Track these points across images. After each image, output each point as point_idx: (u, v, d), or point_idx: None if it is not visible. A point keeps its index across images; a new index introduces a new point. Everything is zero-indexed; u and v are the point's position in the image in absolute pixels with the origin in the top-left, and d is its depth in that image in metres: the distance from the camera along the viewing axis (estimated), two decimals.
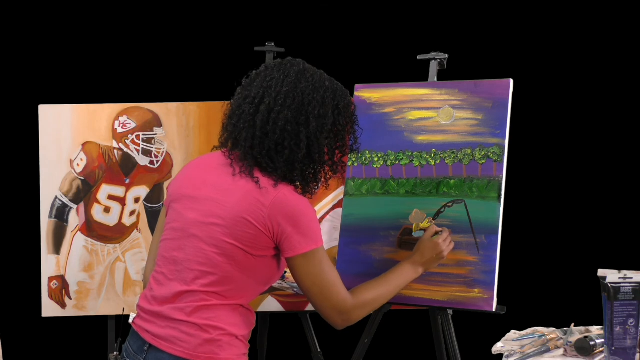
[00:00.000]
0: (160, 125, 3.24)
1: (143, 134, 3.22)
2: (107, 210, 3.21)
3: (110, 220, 3.21)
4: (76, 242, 3.16)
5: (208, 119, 3.24)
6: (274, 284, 2.97)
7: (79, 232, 3.17)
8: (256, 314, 3.14)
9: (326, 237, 3.09)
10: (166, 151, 3.24)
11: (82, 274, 3.16)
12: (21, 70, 3.82)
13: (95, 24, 3.85)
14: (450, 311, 2.88)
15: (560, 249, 3.79)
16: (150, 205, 3.23)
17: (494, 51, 3.79)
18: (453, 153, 2.86)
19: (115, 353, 2.36)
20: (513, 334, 2.55)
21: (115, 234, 3.21)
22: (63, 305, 3.16)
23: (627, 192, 3.79)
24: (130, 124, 3.22)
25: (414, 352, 3.82)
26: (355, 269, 2.91)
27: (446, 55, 3.04)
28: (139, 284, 3.20)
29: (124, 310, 3.14)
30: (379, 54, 3.83)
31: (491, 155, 2.79)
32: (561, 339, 2.52)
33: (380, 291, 2.52)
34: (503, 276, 2.73)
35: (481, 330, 3.18)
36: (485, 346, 2.60)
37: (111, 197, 3.20)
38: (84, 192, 3.18)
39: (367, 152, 2.99)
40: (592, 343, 2.40)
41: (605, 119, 3.80)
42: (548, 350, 2.48)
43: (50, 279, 3.15)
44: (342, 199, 3.03)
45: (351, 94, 3.07)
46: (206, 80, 3.73)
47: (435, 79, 3.01)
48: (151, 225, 3.22)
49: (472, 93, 2.87)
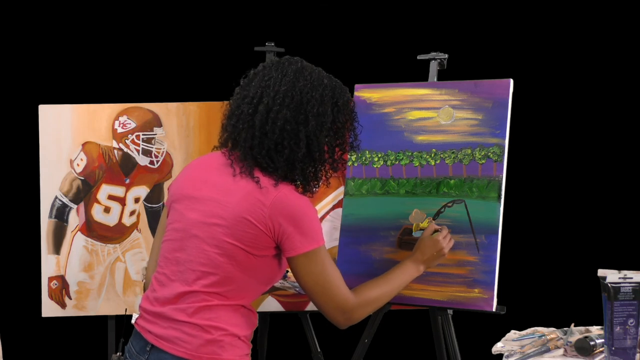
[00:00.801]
0: (160, 125, 3.24)
1: (143, 134, 3.22)
2: (107, 210, 3.21)
3: (110, 220, 3.21)
4: (76, 242, 3.16)
5: (208, 119, 3.24)
6: (276, 284, 2.97)
7: (79, 232, 3.17)
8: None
9: (326, 237, 3.07)
10: (166, 151, 3.24)
11: (82, 274, 3.16)
12: (21, 70, 3.82)
13: (95, 24, 3.85)
14: (450, 311, 2.88)
15: (560, 249, 3.79)
16: (150, 205, 3.23)
17: (494, 51, 3.79)
18: (453, 153, 2.86)
19: (118, 354, 2.36)
20: (513, 334, 2.55)
21: (115, 234, 3.21)
22: (63, 305, 3.16)
23: (627, 192, 3.79)
24: (130, 124, 3.22)
25: (414, 352, 3.82)
26: (355, 269, 2.91)
27: (446, 55, 3.03)
28: (139, 284, 3.20)
29: (126, 310, 3.14)
30: (379, 54, 3.83)
31: (491, 155, 2.79)
32: (561, 339, 2.52)
33: (382, 289, 2.51)
34: (503, 276, 2.73)
35: (481, 330, 3.18)
36: (485, 346, 2.60)
37: (111, 197, 3.20)
38: (84, 192, 3.18)
39: (367, 152, 2.99)
40: (592, 343, 2.40)
41: (605, 119, 3.80)
42: (548, 350, 2.48)
43: (50, 279, 3.15)
44: (342, 199, 3.03)
45: (351, 94, 3.08)
46: (206, 80, 3.73)
47: (435, 79, 3.01)
48: (151, 225, 3.22)
49: (472, 93, 2.87)
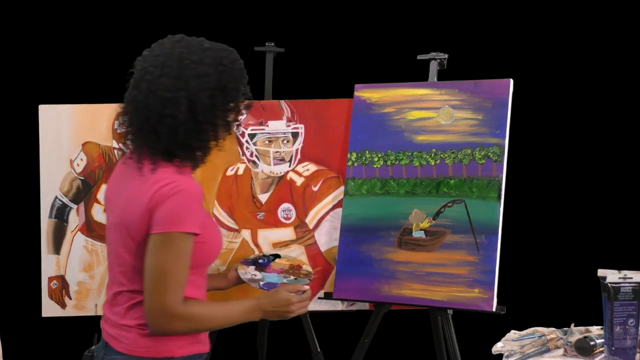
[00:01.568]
0: None
1: None
2: None
3: None
4: (76, 242, 3.16)
5: None
6: (244, 277, 2.90)
7: (79, 232, 3.17)
8: None
9: (326, 237, 3.09)
10: None
11: (82, 274, 3.16)
12: (21, 70, 3.82)
13: (95, 24, 3.85)
14: (450, 311, 2.88)
15: (560, 249, 3.79)
16: None
17: (494, 51, 3.79)
18: (453, 153, 2.86)
19: (93, 347, 2.39)
20: (513, 334, 2.55)
21: None
22: (63, 305, 3.16)
23: (627, 192, 3.79)
24: None
25: (414, 352, 3.82)
26: (355, 269, 2.91)
27: (446, 55, 3.04)
28: None
29: None
30: (379, 54, 3.83)
31: (491, 155, 2.80)
32: (561, 339, 2.52)
33: (212, 312, 2.30)
34: (503, 276, 2.73)
35: (481, 330, 3.18)
36: (485, 346, 2.60)
37: None
38: (84, 192, 3.18)
39: (367, 152, 2.99)
40: (592, 343, 2.40)
41: (605, 119, 3.80)
42: (548, 350, 2.48)
43: (50, 279, 3.15)
44: (342, 199, 3.03)
45: (351, 94, 3.09)
46: None
47: (435, 79, 3.01)
48: None
49: (472, 93, 2.87)
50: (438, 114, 2.92)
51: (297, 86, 3.49)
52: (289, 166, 3.13)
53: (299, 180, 3.13)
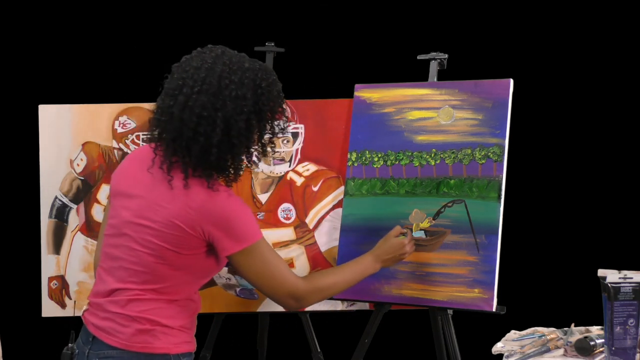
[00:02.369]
0: None
1: (143, 134, 3.22)
2: None
3: None
4: (76, 242, 3.16)
5: None
6: (218, 282, 2.97)
7: (79, 232, 3.17)
8: (256, 314, 3.15)
9: (326, 237, 3.09)
10: None
11: (82, 274, 3.16)
12: (21, 70, 3.82)
13: (95, 24, 3.85)
14: (450, 311, 2.88)
15: (560, 249, 3.79)
16: None
17: (494, 51, 3.79)
18: (453, 153, 2.86)
19: (70, 345, 2.36)
20: (513, 334, 2.55)
21: None
22: (63, 305, 3.16)
23: (627, 193, 3.79)
24: (130, 124, 3.21)
25: (414, 352, 3.82)
26: None
27: (446, 55, 3.04)
28: None
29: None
30: (379, 54, 3.83)
31: (491, 155, 2.79)
32: (561, 339, 2.52)
33: (336, 278, 2.51)
34: (503, 276, 2.73)
35: (481, 330, 3.18)
36: (485, 346, 2.60)
37: None
38: (84, 192, 3.18)
39: (367, 152, 2.99)
40: (592, 343, 2.40)
41: (605, 119, 3.80)
42: (548, 350, 2.48)
43: (50, 279, 3.15)
44: (342, 199, 3.03)
45: (351, 94, 3.09)
46: None
47: (435, 79, 3.01)
48: None
49: (472, 93, 2.87)
50: (438, 114, 2.92)
51: (297, 86, 3.49)
52: (289, 166, 3.13)
53: (299, 180, 3.13)
